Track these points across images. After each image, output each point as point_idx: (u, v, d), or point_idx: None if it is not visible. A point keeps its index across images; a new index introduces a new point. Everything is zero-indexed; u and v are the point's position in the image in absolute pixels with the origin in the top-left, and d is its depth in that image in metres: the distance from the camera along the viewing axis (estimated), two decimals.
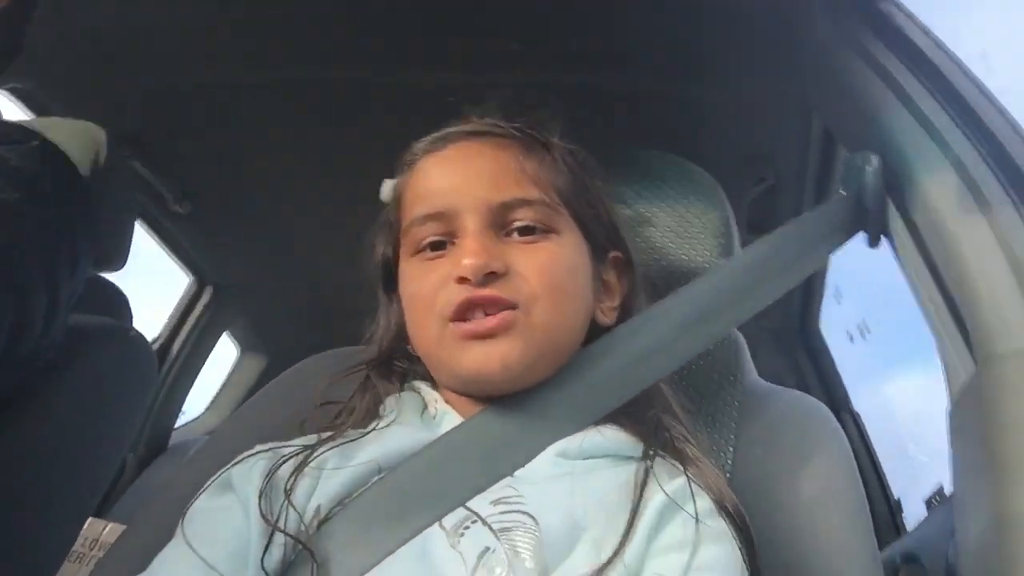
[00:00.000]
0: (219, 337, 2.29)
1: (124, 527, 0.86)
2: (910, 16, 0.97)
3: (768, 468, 0.77)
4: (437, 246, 0.72)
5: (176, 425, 2.24)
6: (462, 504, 0.63)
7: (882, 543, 1.53)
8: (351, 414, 0.74)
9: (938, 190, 0.82)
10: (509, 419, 0.68)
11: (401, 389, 0.76)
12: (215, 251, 2.05)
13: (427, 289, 0.70)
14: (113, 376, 1.04)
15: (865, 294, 1.79)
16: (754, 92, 1.32)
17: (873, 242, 0.92)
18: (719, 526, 0.62)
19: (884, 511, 1.77)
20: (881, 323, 1.82)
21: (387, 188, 0.81)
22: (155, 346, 2.11)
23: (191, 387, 2.25)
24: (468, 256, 0.67)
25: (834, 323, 1.89)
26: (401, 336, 0.78)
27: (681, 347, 0.75)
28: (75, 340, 0.94)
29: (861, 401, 1.92)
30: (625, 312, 0.77)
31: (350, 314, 0.82)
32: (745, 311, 0.78)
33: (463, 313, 0.67)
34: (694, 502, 0.62)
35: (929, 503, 1.59)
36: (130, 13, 1.27)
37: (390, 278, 0.79)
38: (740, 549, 0.62)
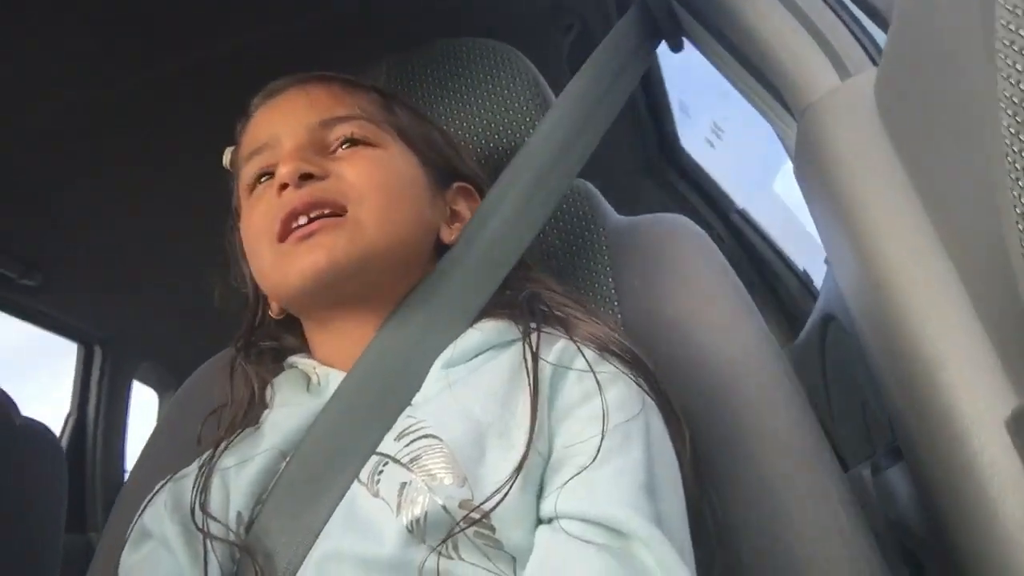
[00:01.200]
0: (129, 390, 2.21)
1: None
2: None
3: (651, 296, 0.79)
4: (264, 178, 0.72)
5: None
6: (372, 452, 0.63)
7: (807, 310, 1.60)
8: (238, 411, 0.72)
9: None
10: (390, 351, 0.68)
11: (278, 370, 0.75)
12: (87, 310, 1.95)
13: (256, 218, 0.70)
14: (12, 468, 0.99)
15: (708, 99, 1.81)
16: None
17: (674, 46, 0.93)
18: (609, 369, 0.63)
19: (796, 285, 1.85)
20: (730, 120, 1.86)
21: (227, 154, 0.80)
22: (70, 423, 2.04)
23: (124, 446, 2.18)
24: (283, 165, 0.68)
25: (692, 136, 1.92)
26: (260, 299, 0.78)
27: (532, 216, 0.75)
28: None
29: (745, 196, 1.98)
30: None
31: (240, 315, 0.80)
32: (578, 156, 0.79)
33: (288, 223, 0.67)
34: (582, 357, 0.63)
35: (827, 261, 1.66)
36: None
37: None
38: (638, 383, 0.63)
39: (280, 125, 0.72)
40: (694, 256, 0.80)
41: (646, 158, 1.93)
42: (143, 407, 2.29)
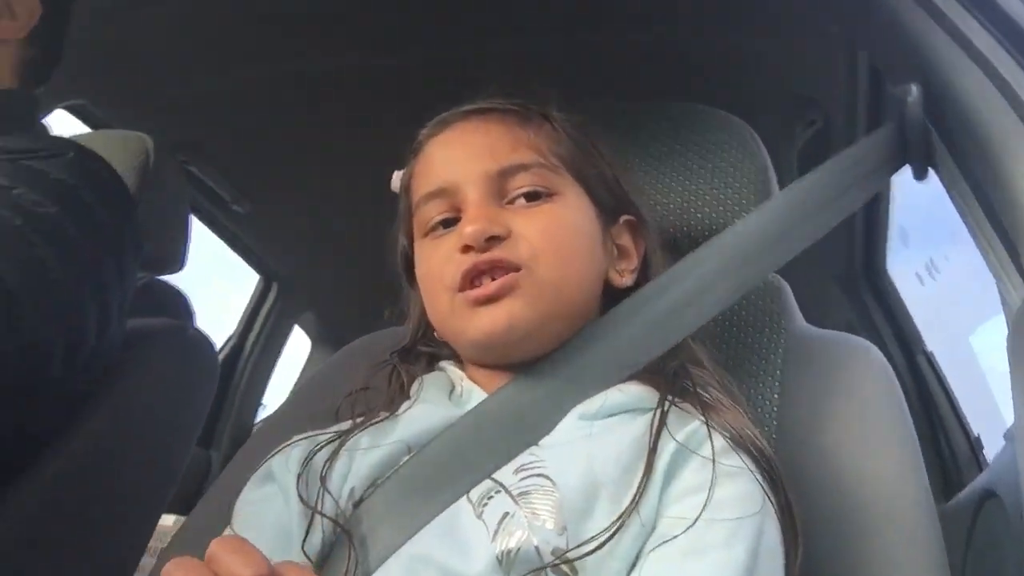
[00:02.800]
0: (289, 332, 2.34)
1: None
2: None
3: (815, 412, 0.76)
4: (447, 224, 0.73)
5: (257, 420, 2.30)
6: (488, 476, 0.64)
7: (965, 481, 1.48)
8: (380, 400, 0.76)
9: (983, 114, 0.78)
10: (533, 388, 0.68)
11: (428, 371, 0.78)
12: (276, 248, 2.09)
13: (436, 265, 0.72)
14: (174, 376, 1.07)
15: (932, 233, 1.72)
16: (794, 33, 1.27)
17: (919, 175, 0.88)
18: (735, 462, 0.61)
19: (965, 449, 1.72)
20: (951, 261, 1.76)
21: (396, 179, 0.82)
22: (229, 345, 2.18)
23: (268, 382, 2.30)
24: (468, 224, 0.69)
25: (903, 265, 1.82)
26: (425, 322, 0.80)
27: (713, 298, 0.73)
28: (134, 342, 0.98)
29: (938, 342, 1.86)
30: (644, 275, 0.77)
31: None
32: (780, 256, 0.76)
33: (470, 281, 0.68)
34: (710, 444, 0.61)
35: (1008, 437, 1.53)
36: (152, 23, 1.30)
37: (409, 267, 0.80)
38: (762, 484, 0.60)
39: (459, 171, 0.73)
40: (875, 389, 0.76)
41: (847, 270, 1.85)
42: (292, 355, 2.43)
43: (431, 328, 0.79)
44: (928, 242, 1.80)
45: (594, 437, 0.64)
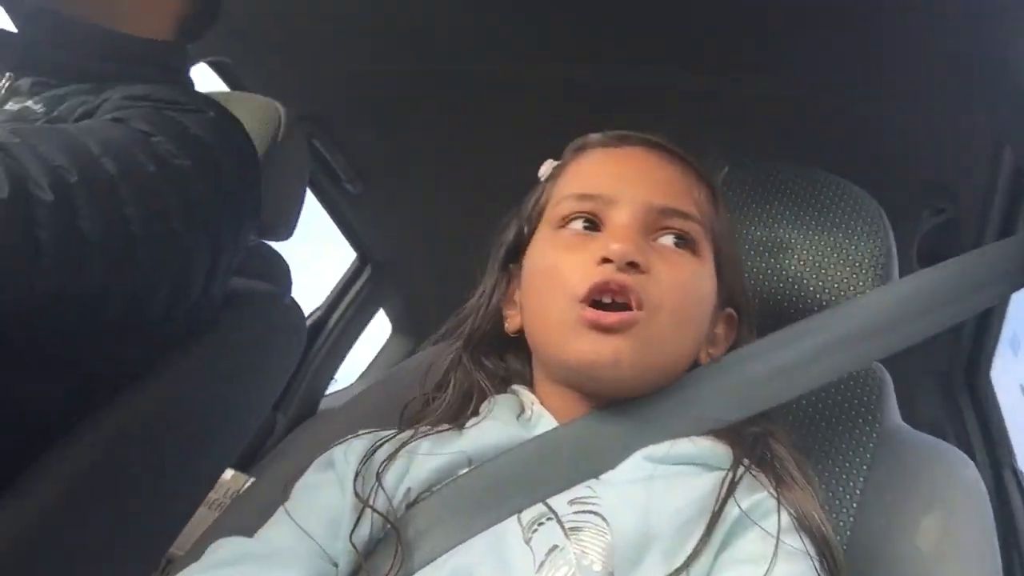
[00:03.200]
0: (374, 314, 2.38)
1: None
2: None
3: (895, 516, 0.73)
4: (586, 227, 0.72)
5: (327, 392, 2.35)
6: (543, 501, 0.64)
7: None
8: (445, 408, 0.76)
9: None
10: (606, 427, 0.68)
11: (494, 383, 0.77)
12: (378, 232, 2.14)
13: (567, 266, 0.69)
14: (264, 340, 1.10)
15: None
16: (937, 115, 1.24)
17: None
18: (797, 544, 0.59)
19: None
20: None
21: (547, 166, 0.81)
22: (314, 316, 2.23)
23: (344, 358, 2.34)
24: (618, 241, 0.67)
25: (1009, 374, 1.74)
26: (497, 317, 0.79)
27: (809, 373, 0.71)
28: (232, 302, 1.00)
29: None
30: None
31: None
32: (885, 346, 0.74)
33: (596, 293, 0.66)
34: (777, 519, 0.60)
35: None
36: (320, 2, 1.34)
37: (514, 253, 0.79)
38: (818, 572, 0.59)
39: (622, 188, 0.72)
40: (964, 504, 0.72)
41: (946, 370, 1.78)
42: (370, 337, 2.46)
43: (500, 326, 0.78)
44: None
45: (655, 482, 0.64)
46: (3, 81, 0.91)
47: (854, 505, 0.75)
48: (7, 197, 0.69)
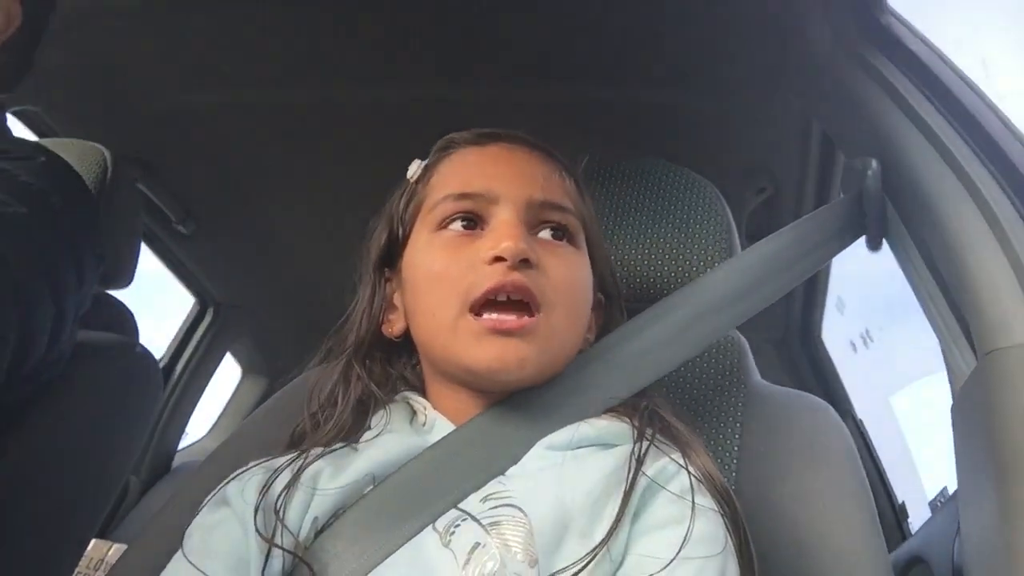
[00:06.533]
0: (222, 358, 2.28)
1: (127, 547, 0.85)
2: (910, 27, 0.99)
3: (773, 466, 0.78)
4: (466, 225, 0.72)
5: (179, 447, 2.23)
6: (455, 506, 0.64)
7: (888, 548, 1.52)
8: (340, 421, 0.73)
9: (937, 191, 0.83)
10: (504, 423, 0.69)
11: (385, 393, 0.76)
12: (217, 272, 2.06)
13: (454, 269, 0.69)
14: (119, 391, 1.04)
15: (869, 304, 1.79)
16: (752, 102, 1.33)
17: (873, 245, 0.93)
18: (705, 502, 0.62)
19: (889, 516, 1.77)
20: (885, 331, 1.83)
21: (415, 166, 0.81)
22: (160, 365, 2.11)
23: (194, 408, 2.24)
24: (509, 239, 0.67)
25: (838, 333, 1.89)
26: (380, 314, 0.77)
27: (678, 349, 0.76)
28: (82, 354, 0.95)
29: (867, 410, 1.92)
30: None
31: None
32: (741, 312, 0.80)
33: (491, 294, 0.66)
34: (689, 481, 0.62)
35: (933, 506, 1.59)
36: (133, 39, 1.28)
37: (389, 257, 0.79)
38: (727, 527, 0.62)
39: (502, 185, 0.72)
40: (831, 446, 0.79)
41: (782, 334, 1.91)
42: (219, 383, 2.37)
43: (382, 324, 0.77)
44: (865, 313, 1.87)
45: (563, 468, 0.65)
46: None
47: (734, 462, 0.80)
48: None
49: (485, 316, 0.67)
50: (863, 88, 0.98)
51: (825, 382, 1.92)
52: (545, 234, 0.73)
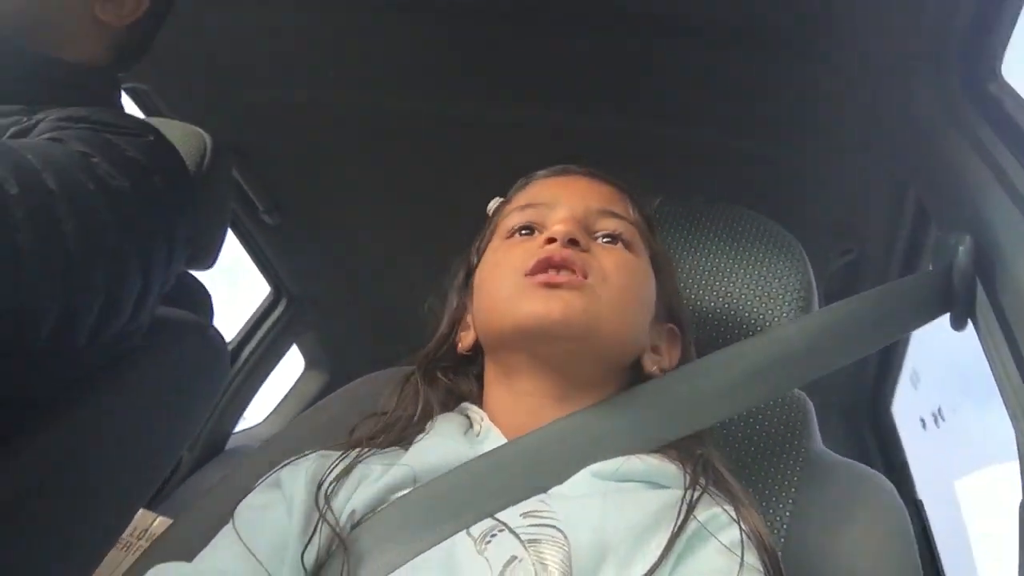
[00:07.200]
0: (288, 348, 2.33)
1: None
2: (1018, 98, 0.96)
3: (824, 538, 0.76)
4: (528, 233, 0.77)
5: (235, 430, 2.28)
6: (492, 515, 0.64)
7: None
8: (396, 425, 0.77)
9: None
10: (554, 443, 0.69)
11: (445, 403, 0.79)
12: (295, 264, 2.11)
13: (511, 257, 0.75)
14: (189, 370, 1.07)
15: (945, 382, 1.73)
16: (846, 162, 1.31)
17: (958, 324, 0.89)
18: (753, 561, 0.61)
19: None
20: (959, 413, 1.76)
21: (495, 203, 0.86)
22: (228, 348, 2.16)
23: (255, 394, 2.29)
24: (558, 223, 0.74)
25: (908, 407, 1.83)
26: (452, 331, 0.82)
27: (740, 396, 0.75)
28: (158, 329, 0.97)
29: (928, 489, 1.86)
30: None
31: (415, 340, 0.85)
32: (811, 370, 0.78)
33: (541, 266, 0.71)
34: (740, 535, 0.62)
35: None
36: (246, 31, 1.33)
37: (467, 280, 0.83)
38: None
39: (562, 194, 0.79)
40: (888, 525, 0.76)
41: (851, 401, 1.86)
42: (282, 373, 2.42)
43: (455, 344, 0.81)
44: (939, 389, 1.81)
45: (608, 497, 0.65)
46: None
47: (784, 527, 0.78)
48: None
49: (536, 277, 0.70)
50: (964, 159, 0.96)
51: (889, 456, 1.86)
52: (603, 243, 0.76)
